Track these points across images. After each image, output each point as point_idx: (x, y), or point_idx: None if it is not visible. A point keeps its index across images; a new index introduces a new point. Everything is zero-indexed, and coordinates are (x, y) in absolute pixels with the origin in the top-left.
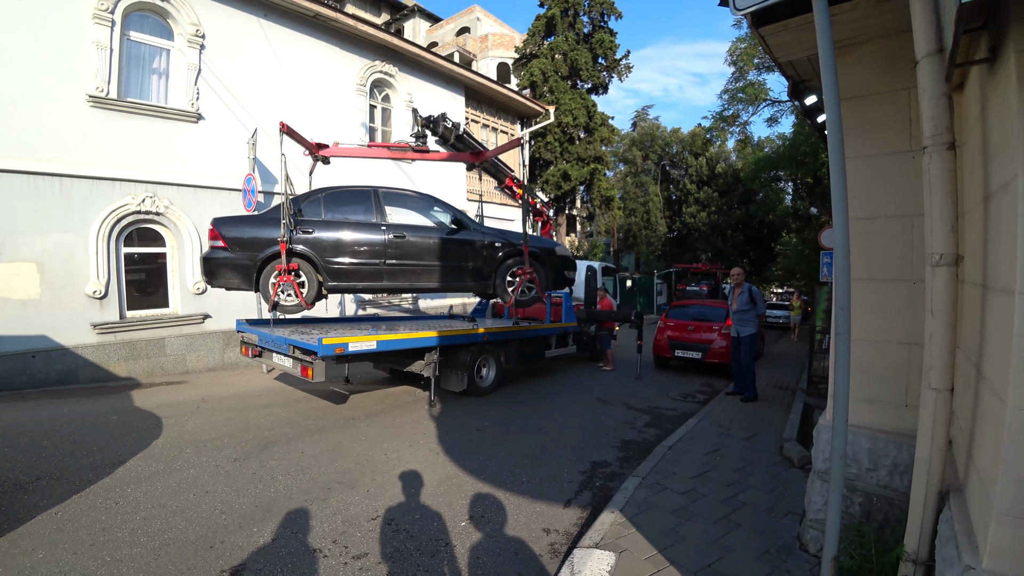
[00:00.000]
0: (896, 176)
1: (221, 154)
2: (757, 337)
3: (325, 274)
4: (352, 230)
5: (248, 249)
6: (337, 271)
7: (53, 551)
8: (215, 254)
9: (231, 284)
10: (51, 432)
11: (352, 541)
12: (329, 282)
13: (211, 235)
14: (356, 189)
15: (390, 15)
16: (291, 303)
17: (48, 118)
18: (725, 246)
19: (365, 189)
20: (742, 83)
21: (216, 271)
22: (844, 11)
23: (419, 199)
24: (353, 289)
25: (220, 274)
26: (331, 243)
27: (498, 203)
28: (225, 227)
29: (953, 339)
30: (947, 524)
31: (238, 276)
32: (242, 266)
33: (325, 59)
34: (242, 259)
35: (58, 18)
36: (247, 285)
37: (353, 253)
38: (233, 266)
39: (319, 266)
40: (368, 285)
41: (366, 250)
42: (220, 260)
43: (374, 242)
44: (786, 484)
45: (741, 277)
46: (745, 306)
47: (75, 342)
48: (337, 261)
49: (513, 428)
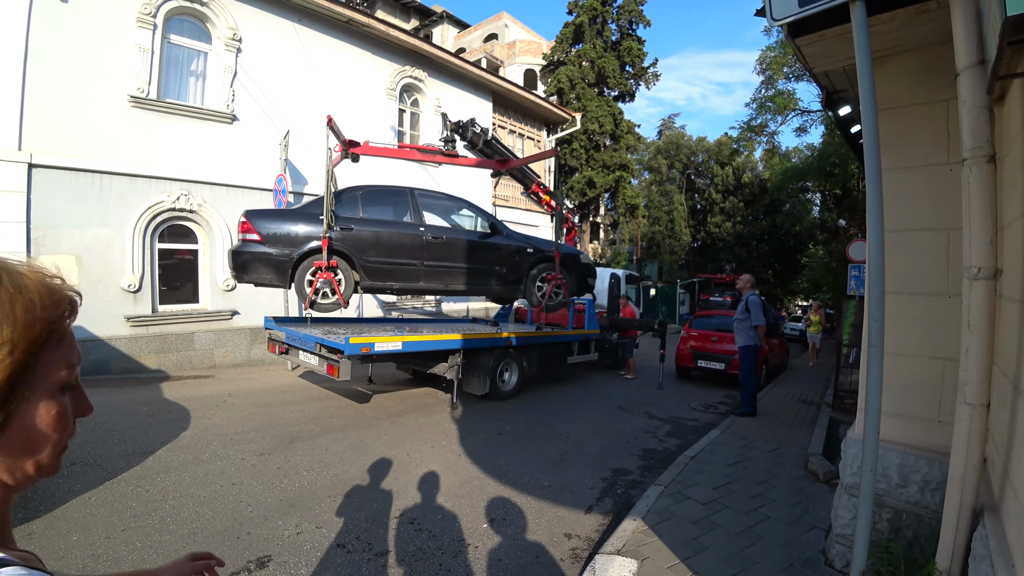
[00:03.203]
0: (932, 189)
1: (253, 155)
2: (754, 350)
3: (362, 272)
4: (391, 229)
5: (284, 244)
6: (375, 269)
7: (87, 534)
8: (249, 248)
9: (263, 280)
10: (84, 420)
11: (375, 538)
12: (366, 280)
13: (244, 228)
14: (393, 188)
15: (419, 21)
16: (328, 301)
17: (91, 117)
18: (749, 257)
19: (401, 189)
20: (771, 92)
21: (249, 266)
22: (882, 22)
23: (454, 202)
24: (389, 289)
25: (253, 269)
26: (370, 241)
27: (522, 208)
28: (260, 220)
29: (990, 354)
30: (981, 542)
31: (272, 272)
32: (278, 261)
33: (356, 63)
34: (278, 254)
35: (103, 22)
36: (280, 281)
37: (392, 252)
38: (268, 261)
39: (357, 264)
40: (404, 285)
41: (405, 250)
42: (254, 255)
43: (413, 242)
44: (811, 498)
45: (744, 284)
46: (741, 315)
47: (109, 334)
48: (375, 260)
49: (534, 433)
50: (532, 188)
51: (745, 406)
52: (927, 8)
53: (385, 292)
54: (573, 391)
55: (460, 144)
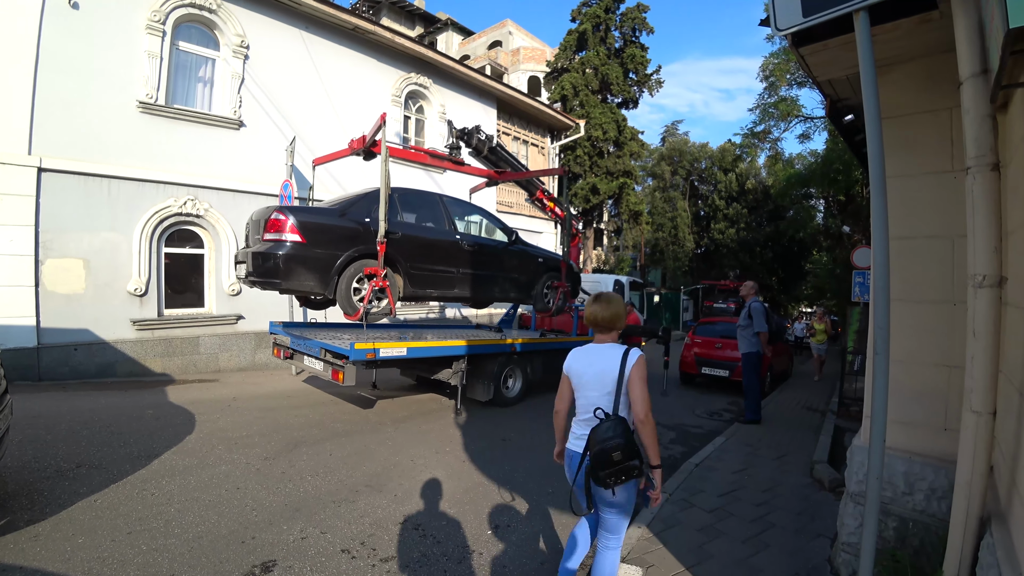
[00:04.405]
0: (936, 196)
1: (259, 160)
2: (757, 356)
3: (406, 279)
4: (434, 235)
5: (331, 246)
6: (418, 276)
7: (92, 537)
8: (289, 250)
9: (304, 286)
10: (90, 422)
11: (380, 544)
12: (408, 288)
13: (279, 227)
14: (424, 193)
15: (424, 28)
16: (378, 309)
17: (100, 122)
18: (753, 263)
19: (431, 194)
20: (774, 98)
21: (291, 270)
22: (886, 31)
23: (476, 210)
24: (427, 296)
25: (295, 274)
26: (417, 247)
27: (526, 215)
28: (303, 218)
29: (996, 361)
30: (989, 551)
31: (314, 277)
32: (323, 265)
33: (362, 70)
34: (325, 257)
35: (113, 28)
36: (322, 287)
37: (435, 259)
38: (312, 265)
39: (402, 270)
40: (441, 293)
41: (446, 257)
42: (298, 257)
43: (451, 250)
44: (816, 506)
45: (748, 291)
46: (744, 322)
47: (115, 337)
48: (420, 266)
49: (539, 439)
50: (537, 195)
51: (749, 413)
52: (930, 18)
53: (424, 300)
54: None
55: (465, 151)
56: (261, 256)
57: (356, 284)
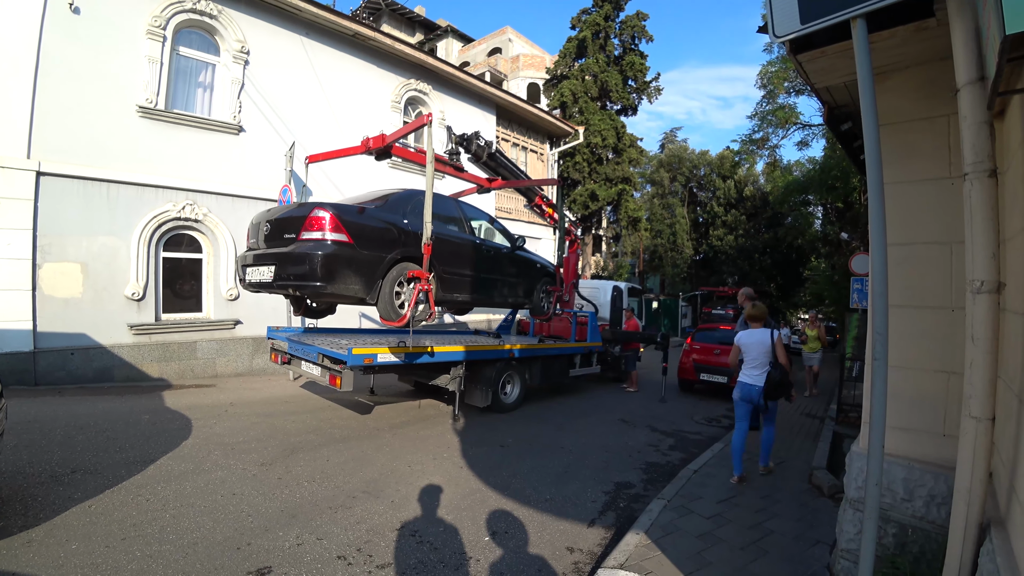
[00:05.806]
0: (934, 202)
1: (259, 165)
2: None
3: (437, 283)
4: (462, 240)
5: (376, 248)
6: (448, 281)
7: (86, 543)
8: (335, 250)
9: (348, 289)
10: (86, 427)
11: (376, 550)
12: (440, 292)
13: (320, 224)
14: (443, 196)
15: (424, 35)
16: (421, 313)
17: (100, 127)
18: (752, 270)
19: (448, 198)
20: (772, 106)
21: (335, 272)
22: (883, 39)
23: (484, 216)
24: (452, 301)
25: (340, 276)
26: (450, 250)
27: (524, 220)
28: (349, 217)
29: (995, 367)
30: (988, 557)
31: (360, 280)
32: (369, 268)
33: (362, 76)
34: (371, 259)
35: (113, 33)
36: (365, 291)
37: (463, 263)
38: (357, 267)
39: (436, 274)
40: (465, 298)
41: (471, 261)
42: (343, 258)
43: (475, 254)
44: (815, 512)
45: (742, 298)
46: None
47: (112, 342)
48: (451, 270)
49: (536, 446)
50: (535, 201)
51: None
52: (927, 25)
53: (451, 304)
54: (576, 404)
55: (464, 157)
56: (298, 257)
57: (398, 288)
